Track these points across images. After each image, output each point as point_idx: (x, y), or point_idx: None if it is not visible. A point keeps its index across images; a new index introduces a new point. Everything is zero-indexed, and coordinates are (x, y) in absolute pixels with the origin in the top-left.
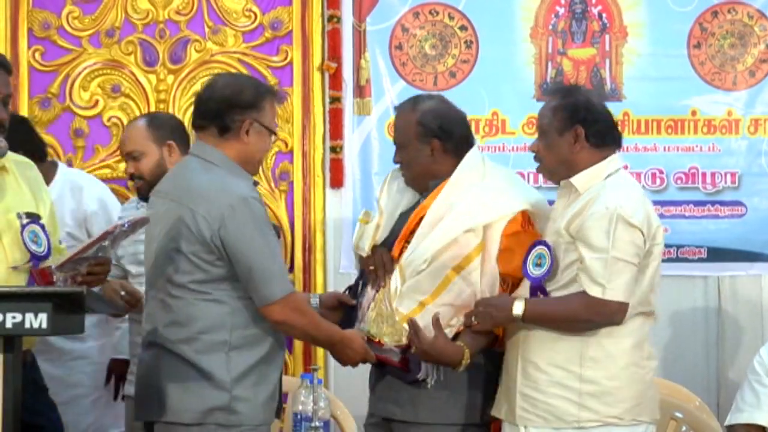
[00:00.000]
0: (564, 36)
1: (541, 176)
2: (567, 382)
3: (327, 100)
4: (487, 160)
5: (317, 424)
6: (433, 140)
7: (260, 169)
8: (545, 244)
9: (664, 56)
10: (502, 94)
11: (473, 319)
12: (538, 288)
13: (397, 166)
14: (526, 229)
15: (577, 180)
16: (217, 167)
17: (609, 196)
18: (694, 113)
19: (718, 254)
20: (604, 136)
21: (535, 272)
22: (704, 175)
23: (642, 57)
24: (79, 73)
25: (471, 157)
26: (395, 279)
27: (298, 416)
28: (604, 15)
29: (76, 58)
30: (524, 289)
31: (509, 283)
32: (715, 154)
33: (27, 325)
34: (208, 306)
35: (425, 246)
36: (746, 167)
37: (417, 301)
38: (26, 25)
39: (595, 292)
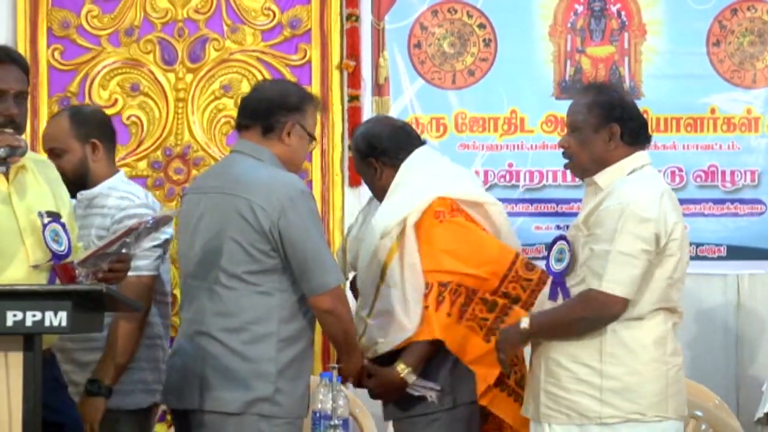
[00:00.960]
0: (583, 34)
1: (559, 174)
2: (588, 378)
3: (345, 98)
4: (427, 158)
5: (336, 422)
6: (370, 160)
7: None
8: (565, 239)
9: (683, 54)
10: (520, 92)
11: (499, 354)
12: (559, 283)
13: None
14: (443, 219)
15: (600, 177)
16: (266, 164)
17: (625, 190)
18: (713, 111)
19: (737, 252)
20: (638, 134)
21: (557, 267)
22: (723, 173)
23: (661, 55)
24: (98, 72)
25: (404, 164)
26: None
27: (318, 414)
28: (622, 13)
29: (95, 57)
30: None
31: (432, 285)
32: (734, 152)
33: (47, 323)
34: (259, 297)
35: (361, 266)
36: (766, 165)
37: (362, 319)
38: (45, 24)
39: (594, 284)
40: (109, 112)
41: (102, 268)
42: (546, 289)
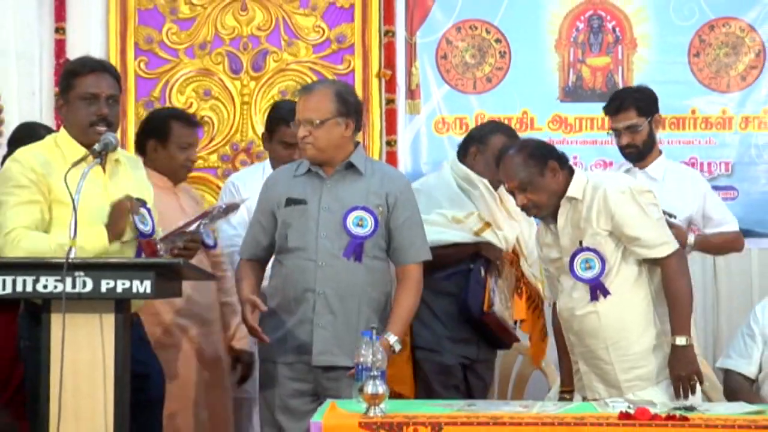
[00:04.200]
0: (583, 47)
1: None
2: (656, 341)
3: (383, 101)
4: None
5: (375, 373)
6: None
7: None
8: (589, 249)
9: (668, 63)
10: (531, 96)
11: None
12: (598, 286)
13: None
14: None
15: (572, 191)
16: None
17: (613, 184)
18: (693, 112)
19: None
20: (565, 158)
21: (588, 274)
22: (702, 164)
23: (650, 64)
24: (177, 80)
25: None
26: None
27: (360, 367)
28: (617, 29)
29: (174, 67)
30: (580, 291)
31: None
32: (711, 147)
33: (134, 290)
34: None
35: None
36: (738, 157)
37: None
38: (133, 40)
39: (665, 251)
40: None
41: (178, 245)
42: (575, 295)
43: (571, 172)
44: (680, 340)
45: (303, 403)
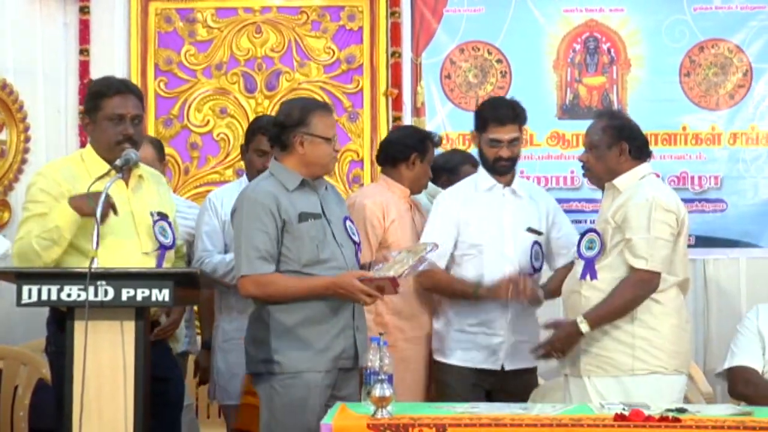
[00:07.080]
0: (580, 67)
1: (560, 179)
2: (623, 338)
3: (390, 119)
4: None
5: (383, 376)
6: None
7: (335, 172)
8: (595, 231)
9: (660, 83)
10: (530, 114)
11: (557, 353)
12: (590, 267)
13: None
14: None
15: (618, 182)
16: (265, 175)
17: (647, 190)
18: (684, 128)
19: (704, 241)
20: (641, 150)
21: (588, 254)
22: (692, 178)
23: (643, 83)
24: (195, 99)
25: None
26: None
27: (368, 371)
28: (612, 50)
29: (192, 87)
30: (578, 269)
31: None
32: (701, 161)
33: (153, 298)
34: None
35: None
36: (727, 172)
37: None
38: (153, 61)
39: (639, 264)
40: (202, 130)
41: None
42: (577, 269)
43: (635, 165)
44: (583, 325)
45: (329, 407)
